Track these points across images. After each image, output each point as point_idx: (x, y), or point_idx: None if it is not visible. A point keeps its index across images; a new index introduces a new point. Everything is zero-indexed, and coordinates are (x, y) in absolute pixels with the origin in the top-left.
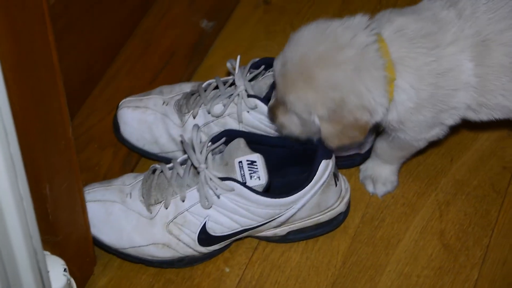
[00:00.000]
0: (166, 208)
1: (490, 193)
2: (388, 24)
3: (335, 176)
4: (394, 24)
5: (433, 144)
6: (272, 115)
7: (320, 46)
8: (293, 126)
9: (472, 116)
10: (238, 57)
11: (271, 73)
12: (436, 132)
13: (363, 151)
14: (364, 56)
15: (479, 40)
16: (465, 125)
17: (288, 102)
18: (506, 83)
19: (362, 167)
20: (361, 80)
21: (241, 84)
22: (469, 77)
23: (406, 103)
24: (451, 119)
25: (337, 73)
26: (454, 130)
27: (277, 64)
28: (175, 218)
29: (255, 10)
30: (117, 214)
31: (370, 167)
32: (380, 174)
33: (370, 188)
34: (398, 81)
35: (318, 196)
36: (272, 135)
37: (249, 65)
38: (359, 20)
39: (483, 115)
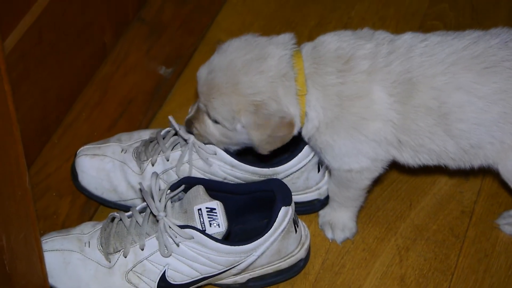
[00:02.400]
0: (125, 257)
1: (449, 237)
2: (311, 41)
3: (295, 223)
4: (316, 41)
5: (391, 189)
6: (190, 126)
7: (247, 55)
8: (211, 136)
9: (397, 155)
10: (170, 117)
11: None
12: (365, 166)
13: (322, 197)
14: (279, 66)
15: (406, 79)
16: (423, 169)
17: (212, 109)
18: (432, 126)
19: (321, 213)
20: (278, 87)
21: (189, 138)
22: (387, 111)
23: (314, 120)
24: (373, 153)
25: (259, 80)
26: (412, 174)
27: (202, 71)
28: (134, 266)
29: None
30: (75, 264)
31: (329, 213)
32: (338, 220)
33: (329, 234)
34: (308, 96)
35: (278, 243)
36: (231, 182)
37: None
38: (283, 37)
39: (408, 157)
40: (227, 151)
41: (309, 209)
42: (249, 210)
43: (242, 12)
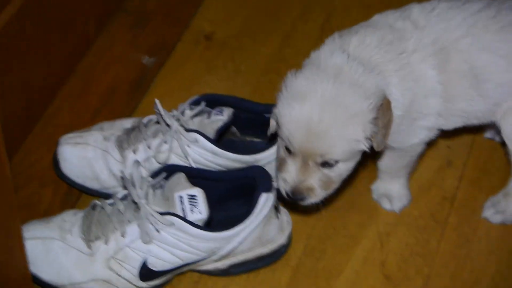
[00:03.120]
0: (107, 244)
1: (430, 223)
2: (347, 42)
3: (276, 209)
4: (352, 41)
5: (373, 175)
6: (303, 192)
7: (326, 82)
8: (338, 178)
9: (443, 123)
10: (156, 100)
11: (217, 116)
12: (423, 137)
13: None
14: (356, 70)
15: (438, 49)
16: None
17: (334, 153)
18: (468, 88)
19: (373, 187)
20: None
21: (172, 123)
22: (434, 84)
23: (397, 109)
24: (429, 123)
25: (359, 91)
26: None
27: (298, 132)
28: (115, 254)
29: (196, 46)
30: (56, 251)
31: (382, 186)
32: (393, 190)
33: (386, 205)
34: (389, 86)
35: (259, 229)
36: (213, 169)
37: (188, 101)
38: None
39: (445, 123)
40: (208, 138)
41: None
42: (230, 197)
43: (226, 2)
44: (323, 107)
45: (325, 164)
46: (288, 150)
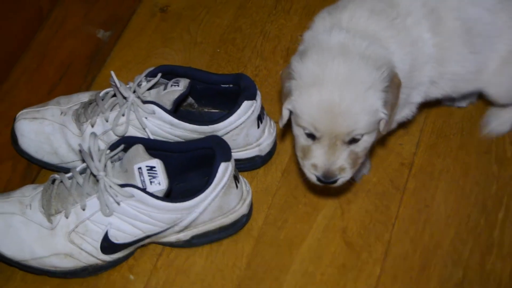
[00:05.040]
0: (67, 218)
1: (389, 189)
2: (338, 18)
3: (236, 178)
4: (343, 17)
5: None
6: (336, 173)
7: (336, 64)
8: (364, 153)
9: (434, 91)
10: (112, 72)
11: (174, 87)
12: (406, 113)
13: (263, 153)
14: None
15: (429, 10)
16: None
17: (361, 127)
18: (460, 46)
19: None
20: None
21: (129, 95)
22: (430, 49)
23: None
24: (419, 96)
25: (368, 65)
26: None
27: (322, 116)
28: (76, 227)
29: (152, 18)
30: (17, 226)
31: None
32: None
33: None
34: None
35: (219, 199)
36: (171, 141)
37: (144, 73)
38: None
39: (436, 90)
40: (165, 109)
41: (251, 166)
42: (189, 168)
43: None
44: (341, 87)
45: (352, 141)
46: (310, 136)
